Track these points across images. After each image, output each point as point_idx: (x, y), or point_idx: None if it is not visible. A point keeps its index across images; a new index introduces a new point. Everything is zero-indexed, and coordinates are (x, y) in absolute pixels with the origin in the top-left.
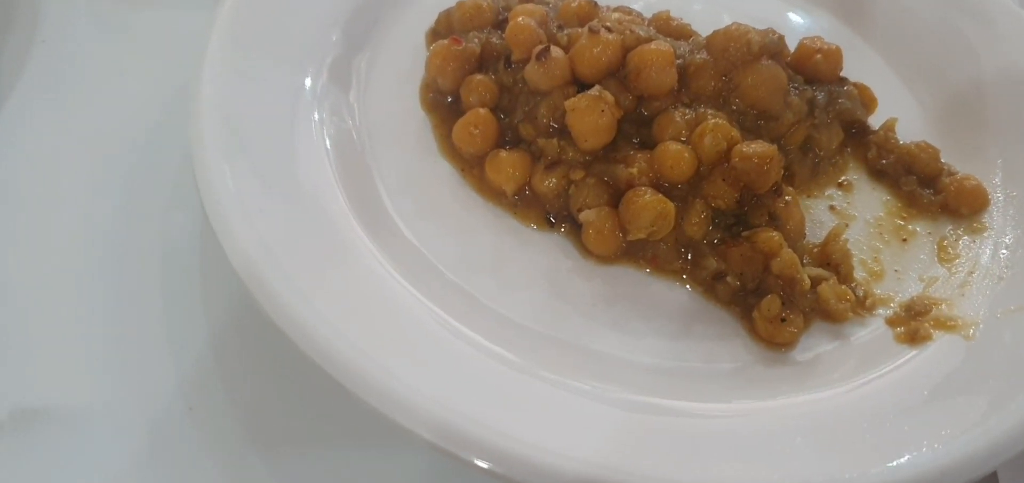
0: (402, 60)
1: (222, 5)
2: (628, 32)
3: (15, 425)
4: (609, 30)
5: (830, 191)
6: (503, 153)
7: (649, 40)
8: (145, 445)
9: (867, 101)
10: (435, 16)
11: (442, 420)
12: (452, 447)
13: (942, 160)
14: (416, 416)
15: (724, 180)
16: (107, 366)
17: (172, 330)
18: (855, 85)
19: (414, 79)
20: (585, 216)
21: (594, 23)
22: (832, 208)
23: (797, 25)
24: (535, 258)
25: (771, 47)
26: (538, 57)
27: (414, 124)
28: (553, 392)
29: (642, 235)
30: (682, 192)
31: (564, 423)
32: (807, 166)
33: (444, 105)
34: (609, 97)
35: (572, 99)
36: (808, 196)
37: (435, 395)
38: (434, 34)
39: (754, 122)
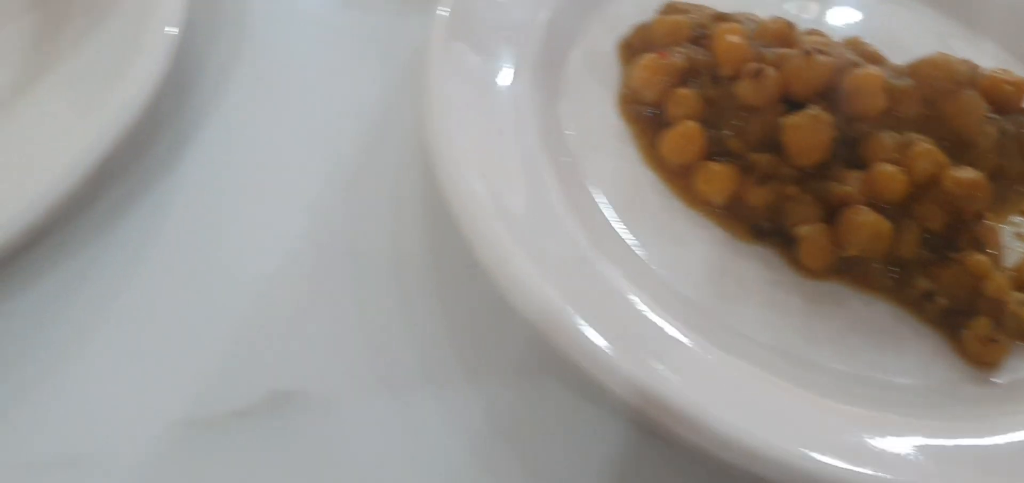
0: (593, 70)
1: (440, 12)
2: (840, 56)
3: (270, 408)
4: (822, 52)
5: (1015, 218)
6: (713, 165)
7: (857, 64)
8: (394, 428)
9: None
10: (620, 28)
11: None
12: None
13: None
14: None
15: (934, 203)
16: (352, 352)
17: (410, 319)
18: None
19: (605, 88)
20: (802, 231)
21: (808, 45)
22: (1019, 235)
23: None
24: (743, 269)
25: (972, 78)
26: (753, 75)
27: (612, 134)
28: (791, 403)
29: (857, 252)
30: (891, 213)
31: (805, 431)
32: (995, 193)
33: (644, 116)
34: (826, 117)
35: (791, 117)
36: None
37: (701, 401)
38: (627, 46)
39: (953, 148)
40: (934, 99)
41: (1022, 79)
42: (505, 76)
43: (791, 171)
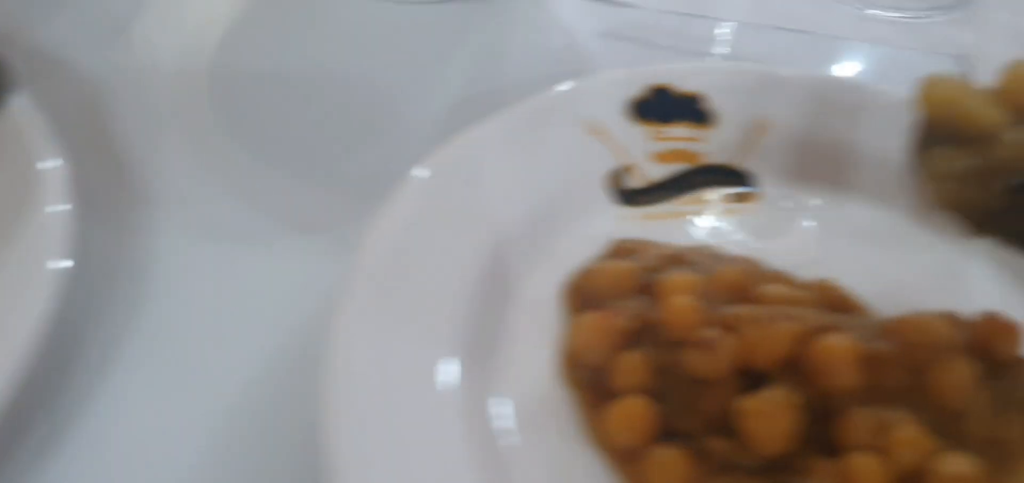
0: (533, 323)
1: (352, 273)
2: (803, 319)
3: None
4: (782, 317)
5: None
6: (663, 451)
7: (827, 328)
8: None
9: None
10: (564, 269)
11: None
12: None
13: None
14: None
15: None
16: None
17: None
18: None
19: (546, 347)
20: None
21: (770, 300)
22: None
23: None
24: None
25: (962, 339)
26: (701, 346)
27: (553, 404)
28: None
29: None
30: None
31: None
32: (991, 462)
33: (591, 381)
34: (795, 398)
35: (747, 401)
36: None
37: None
38: (574, 292)
39: (938, 419)
40: (917, 368)
41: (1016, 323)
42: (426, 351)
43: (752, 459)
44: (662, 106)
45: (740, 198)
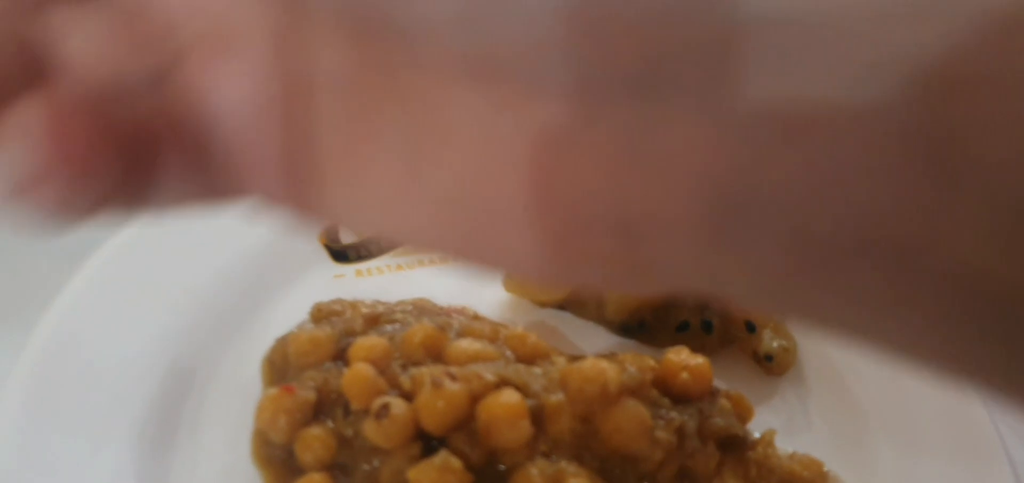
0: (235, 398)
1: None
2: (475, 379)
3: None
4: (453, 378)
5: None
6: None
7: (499, 385)
8: None
9: (743, 411)
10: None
11: None
12: None
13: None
14: None
15: None
16: None
17: None
18: (728, 395)
19: (242, 426)
20: None
21: (437, 372)
22: None
23: None
24: None
25: (631, 384)
26: (377, 415)
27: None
28: None
29: None
30: None
31: None
32: None
33: (280, 459)
34: (456, 464)
35: (416, 469)
36: None
37: None
38: (270, 365)
39: (620, 466)
40: (587, 415)
41: (701, 362)
42: (92, 448)
43: None
44: None
45: None
